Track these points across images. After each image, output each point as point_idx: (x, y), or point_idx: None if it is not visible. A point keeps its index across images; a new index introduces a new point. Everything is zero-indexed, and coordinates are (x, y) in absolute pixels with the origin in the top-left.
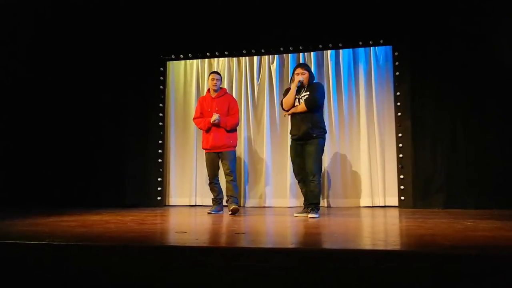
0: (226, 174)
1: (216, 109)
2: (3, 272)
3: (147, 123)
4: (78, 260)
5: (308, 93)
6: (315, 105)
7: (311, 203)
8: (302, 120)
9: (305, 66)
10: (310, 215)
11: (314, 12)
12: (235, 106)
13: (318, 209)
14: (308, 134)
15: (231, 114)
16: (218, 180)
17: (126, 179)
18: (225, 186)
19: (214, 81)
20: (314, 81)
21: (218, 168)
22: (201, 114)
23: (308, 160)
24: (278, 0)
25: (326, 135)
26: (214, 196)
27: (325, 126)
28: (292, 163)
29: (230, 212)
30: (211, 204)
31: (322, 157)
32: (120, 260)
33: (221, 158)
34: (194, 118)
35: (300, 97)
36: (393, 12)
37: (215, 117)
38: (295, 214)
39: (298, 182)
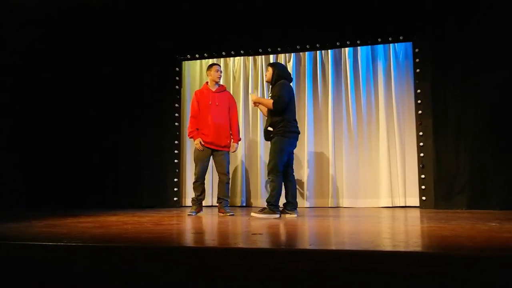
0: (222, 174)
1: (217, 104)
2: (20, 273)
3: (163, 123)
4: (95, 261)
5: (271, 94)
6: (279, 106)
7: (266, 201)
8: (266, 121)
9: (271, 64)
10: (252, 213)
11: (331, 8)
12: (235, 106)
13: (271, 210)
14: (266, 134)
15: (232, 116)
16: (205, 179)
17: (142, 180)
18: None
19: (219, 73)
20: (278, 80)
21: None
22: (199, 109)
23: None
24: None
25: (294, 134)
26: (196, 195)
27: (287, 126)
28: None
29: (227, 214)
30: (191, 204)
31: (291, 156)
32: (137, 261)
33: (217, 157)
34: (191, 117)
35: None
36: (413, 7)
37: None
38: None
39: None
